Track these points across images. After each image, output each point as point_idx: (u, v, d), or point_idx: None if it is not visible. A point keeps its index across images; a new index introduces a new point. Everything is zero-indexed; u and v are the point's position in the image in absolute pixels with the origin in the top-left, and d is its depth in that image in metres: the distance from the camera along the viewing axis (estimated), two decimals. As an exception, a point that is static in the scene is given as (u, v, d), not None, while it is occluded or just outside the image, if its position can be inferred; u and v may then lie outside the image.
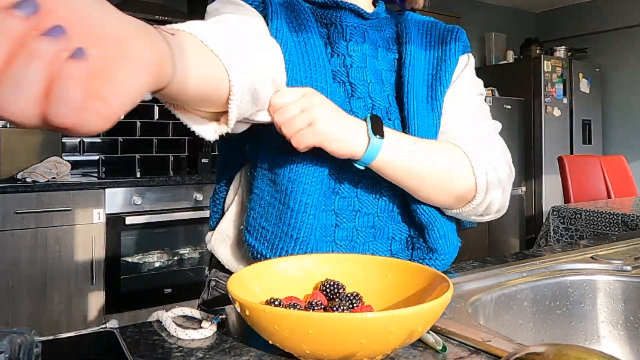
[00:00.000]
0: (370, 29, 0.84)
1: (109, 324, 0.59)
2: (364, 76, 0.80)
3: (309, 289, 0.59)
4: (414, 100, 0.81)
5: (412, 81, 0.82)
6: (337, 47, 0.80)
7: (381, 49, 0.84)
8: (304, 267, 0.60)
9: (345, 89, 0.79)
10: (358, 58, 0.81)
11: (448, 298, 0.47)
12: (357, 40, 0.82)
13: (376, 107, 0.79)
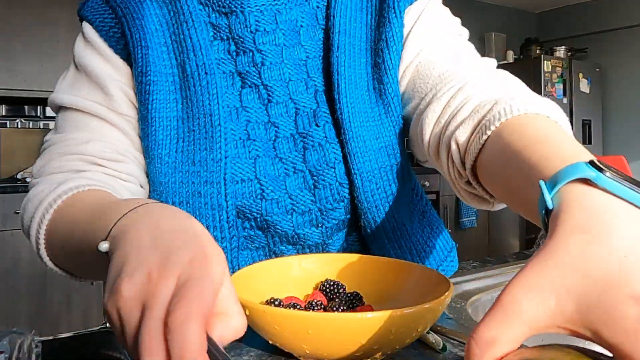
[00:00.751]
0: (284, 7, 0.65)
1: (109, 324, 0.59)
2: (280, 74, 0.65)
3: (309, 289, 0.59)
4: (347, 94, 0.64)
5: (343, 69, 0.64)
6: (241, 42, 0.64)
7: (304, 30, 0.67)
8: (304, 267, 0.59)
9: (259, 94, 0.65)
10: (271, 52, 0.64)
11: (448, 298, 0.47)
12: (266, 29, 0.64)
13: (300, 111, 0.65)
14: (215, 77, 0.63)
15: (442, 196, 4.21)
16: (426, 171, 4.14)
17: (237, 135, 0.63)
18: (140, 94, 0.62)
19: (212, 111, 0.61)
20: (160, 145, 0.62)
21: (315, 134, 0.64)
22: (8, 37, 2.83)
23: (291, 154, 0.64)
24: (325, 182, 0.63)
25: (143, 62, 0.62)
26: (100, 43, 0.65)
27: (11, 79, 2.83)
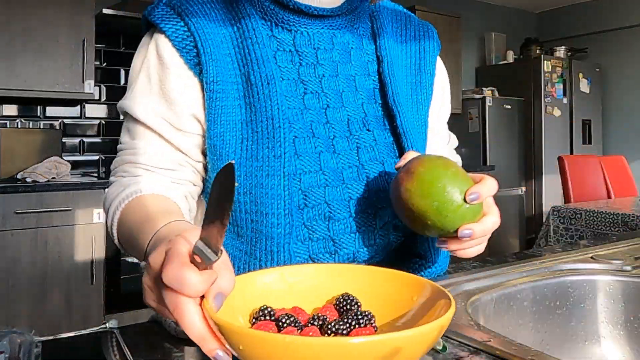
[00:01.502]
0: (339, 32, 0.78)
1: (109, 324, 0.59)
2: (336, 85, 0.77)
3: (323, 301, 0.56)
4: (399, 104, 0.78)
5: (394, 83, 0.79)
6: (305, 56, 0.76)
7: (354, 51, 0.80)
8: (326, 276, 0.56)
9: (319, 99, 0.75)
10: (329, 66, 0.77)
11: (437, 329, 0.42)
12: (326, 48, 0.77)
13: (352, 118, 0.77)
14: (276, 86, 0.71)
15: (442, 196, 4.20)
16: (426, 171, 4.13)
17: (304, 133, 0.73)
18: (210, 99, 0.70)
19: (274, 115, 0.70)
20: (227, 144, 0.70)
21: (365, 136, 0.76)
22: (8, 37, 2.82)
23: (346, 151, 0.75)
24: (376, 174, 0.75)
25: (213, 73, 0.70)
26: (174, 56, 0.71)
27: (11, 79, 2.83)
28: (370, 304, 0.53)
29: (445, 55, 4.97)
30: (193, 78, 0.71)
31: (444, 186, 0.59)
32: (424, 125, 0.83)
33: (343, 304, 0.53)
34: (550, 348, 0.83)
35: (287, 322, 0.48)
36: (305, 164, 0.71)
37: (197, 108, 0.72)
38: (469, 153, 4.81)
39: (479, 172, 3.29)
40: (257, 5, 0.74)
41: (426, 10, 4.52)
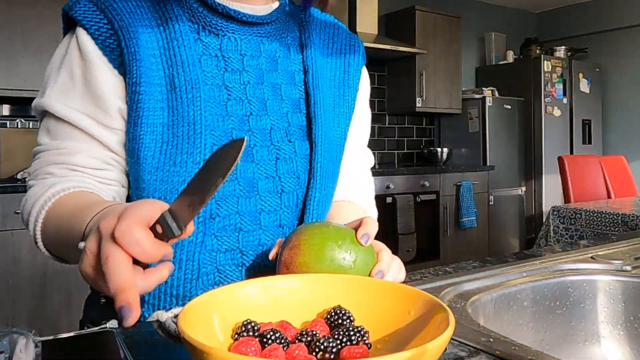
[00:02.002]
0: (267, 40, 0.77)
1: (109, 324, 0.59)
2: (261, 93, 0.75)
3: (313, 314, 0.53)
4: (321, 119, 0.78)
5: (318, 94, 0.78)
6: (231, 62, 0.74)
7: (281, 60, 0.79)
8: (312, 290, 0.54)
9: (243, 106, 0.74)
10: (255, 74, 0.75)
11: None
12: (253, 55, 0.76)
13: (274, 127, 0.75)
14: (201, 90, 0.69)
15: (442, 196, 4.21)
16: (426, 171, 4.14)
17: (223, 140, 0.70)
18: (132, 101, 0.68)
19: (196, 120, 0.68)
20: (146, 147, 0.68)
21: (286, 147, 0.75)
22: (8, 37, 2.82)
23: (265, 161, 0.74)
24: (291, 189, 0.75)
25: (137, 74, 0.68)
26: (96, 53, 0.69)
27: (11, 79, 2.83)
28: (364, 317, 0.51)
29: (445, 55, 4.95)
30: (118, 76, 0.69)
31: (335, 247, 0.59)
32: (343, 139, 0.83)
33: (334, 318, 0.50)
34: (550, 348, 0.83)
35: (272, 339, 0.45)
36: None
37: (123, 105, 0.70)
38: (469, 153, 4.81)
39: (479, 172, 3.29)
40: (185, 7, 0.73)
41: (426, 10, 4.52)
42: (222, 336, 0.47)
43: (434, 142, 5.14)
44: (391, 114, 4.80)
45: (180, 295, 0.68)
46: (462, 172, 4.35)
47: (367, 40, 4.05)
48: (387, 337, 0.49)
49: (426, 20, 4.51)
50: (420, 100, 4.47)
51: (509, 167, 4.86)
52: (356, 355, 0.43)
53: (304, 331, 0.47)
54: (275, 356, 0.43)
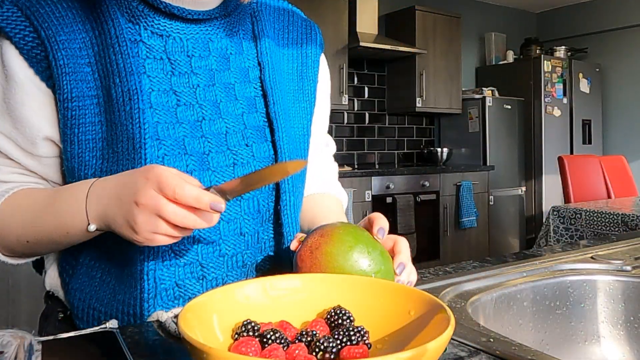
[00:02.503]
0: (216, 37, 0.72)
1: (109, 324, 0.59)
2: (213, 96, 0.70)
3: (313, 315, 0.53)
4: (282, 119, 0.74)
5: (276, 91, 0.74)
6: (178, 65, 0.68)
7: (233, 57, 0.73)
8: (311, 290, 0.54)
9: (194, 112, 0.68)
10: (205, 75, 0.70)
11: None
12: (201, 55, 0.70)
13: (230, 131, 0.70)
14: (139, 102, 0.64)
15: (442, 196, 4.21)
16: (426, 172, 4.14)
17: (175, 150, 0.66)
18: (65, 117, 0.63)
19: (134, 135, 0.63)
20: (87, 165, 0.64)
21: (243, 152, 0.71)
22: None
23: (222, 167, 0.69)
24: (249, 195, 0.70)
25: (68, 89, 0.62)
26: (22, 67, 0.63)
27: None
28: (364, 317, 0.51)
29: (445, 55, 4.94)
30: (47, 92, 0.63)
31: (364, 251, 0.59)
32: (307, 135, 0.79)
33: (334, 318, 0.50)
34: (550, 348, 0.83)
35: (272, 339, 0.45)
36: None
37: (52, 129, 0.65)
38: (469, 153, 4.81)
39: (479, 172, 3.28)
40: (124, 7, 0.66)
41: (426, 10, 4.52)
42: (222, 336, 0.47)
43: (434, 142, 5.14)
44: (391, 114, 4.80)
45: (137, 314, 0.64)
46: (462, 172, 4.35)
47: (367, 40, 4.05)
48: (387, 337, 0.49)
49: (426, 20, 4.51)
50: (420, 100, 4.47)
51: (509, 167, 4.86)
52: (356, 355, 0.43)
53: (304, 331, 0.47)
54: (275, 356, 0.43)
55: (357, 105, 4.59)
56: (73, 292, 0.68)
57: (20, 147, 0.65)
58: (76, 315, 0.68)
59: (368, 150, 4.68)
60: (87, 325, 0.66)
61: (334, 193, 0.89)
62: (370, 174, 3.81)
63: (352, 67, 4.39)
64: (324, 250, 0.58)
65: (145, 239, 0.55)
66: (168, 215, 0.54)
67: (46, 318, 0.76)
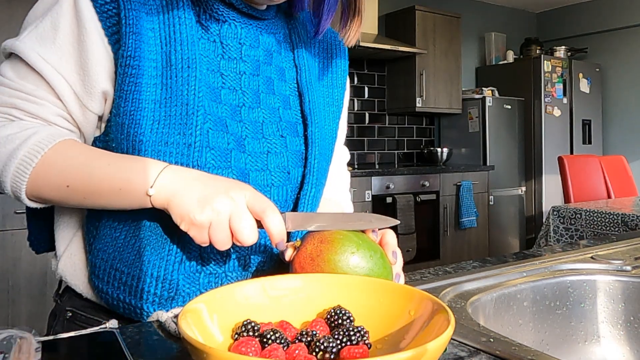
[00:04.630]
0: (265, 32, 0.77)
1: (109, 324, 0.59)
2: (256, 85, 0.74)
3: (313, 315, 0.53)
4: (315, 117, 0.78)
5: (311, 92, 0.79)
6: (229, 49, 0.72)
7: (275, 55, 0.78)
8: (311, 289, 0.54)
9: (237, 96, 0.72)
10: (252, 64, 0.74)
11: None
12: (252, 45, 0.75)
13: (266, 121, 0.74)
14: (197, 71, 0.67)
15: (442, 196, 4.21)
16: (426, 172, 4.14)
17: (218, 126, 0.69)
18: (125, 75, 0.65)
19: (189, 101, 0.66)
20: (137, 124, 0.65)
21: (278, 142, 0.74)
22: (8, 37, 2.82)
23: (257, 153, 0.72)
24: (280, 183, 0.74)
25: (132, 47, 0.65)
26: (92, 16, 0.64)
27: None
28: (364, 317, 0.51)
29: (445, 55, 4.94)
30: (108, 50, 0.65)
31: (367, 257, 0.59)
32: (334, 138, 0.84)
33: (334, 318, 0.50)
34: (550, 348, 0.83)
35: (272, 339, 0.45)
36: (215, 159, 0.68)
37: (108, 84, 0.66)
38: (469, 153, 4.81)
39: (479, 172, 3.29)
40: None
41: (426, 10, 4.52)
42: (222, 336, 0.47)
43: (434, 142, 5.14)
44: (391, 114, 4.80)
45: (161, 277, 0.65)
46: (462, 172, 4.35)
47: (367, 40, 4.05)
48: (387, 337, 0.49)
49: (426, 20, 4.51)
50: (420, 100, 4.47)
51: (509, 167, 4.86)
52: (356, 355, 0.43)
53: (304, 331, 0.47)
54: (275, 356, 0.43)
55: (357, 105, 4.59)
56: (96, 252, 0.68)
57: (75, 92, 0.66)
58: (97, 276, 0.68)
59: (368, 150, 4.68)
60: (107, 285, 0.67)
61: (340, 202, 0.91)
62: (370, 174, 3.82)
63: (352, 67, 4.39)
64: (326, 257, 0.58)
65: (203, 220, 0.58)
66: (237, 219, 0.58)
67: (55, 316, 0.78)
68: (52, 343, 0.55)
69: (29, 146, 0.61)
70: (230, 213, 0.58)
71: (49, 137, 0.62)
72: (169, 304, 0.66)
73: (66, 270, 0.73)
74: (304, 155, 0.77)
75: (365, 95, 4.64)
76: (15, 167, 0.61)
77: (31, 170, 0.61)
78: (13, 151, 0.61)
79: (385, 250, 0.63)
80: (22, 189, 0.62)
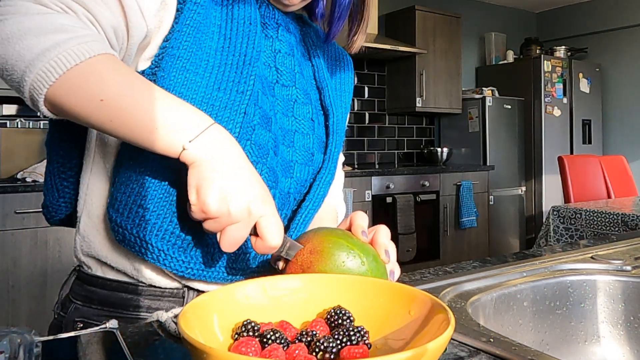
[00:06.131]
0: (292, 24, 0.81)
1: (109, 324, 0.59)
2: (291, 64, 0.78)
3: (313, 315, 0.53)
4: (334, 110, 0.82)
5: (329, 87, 0.83)
6: (267, 29, 0.76)
7: (296, 47, 0.82)
8: (311, 289, 0.54)
9: (271, 73, 0.75)
10: (286, 44, 0.78)
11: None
12: (287, 27, 0.79)
13: (299, 100, 0.77)
14: (257, 28, 0.70)
15: (442, 196, 4.21)
16: (426, 171, 4.14)
17: (266, 90, 0.72)
18: (190, 10, 0.65)
19: (247, 52, 0.68)
20: (195, 62, 0.65)
21: (307, 124, 0.78)
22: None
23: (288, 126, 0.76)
24: (304, 162, 0.77)
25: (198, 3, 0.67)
26: None
27: (11, 79, 2.83)
28: (364, 317, 0.51)
29: (445, 55, 4.94)
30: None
31: (358, 262, 0.59)
32: (343, 136, 0.87)
33: (334, 318, 0.49)
34: (550, 348, 0.83)
35: (272, 339, 0.45)
36: (260, 118, 0.69)
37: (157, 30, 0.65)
38: (469, 153, 4.81)
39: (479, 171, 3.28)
40: None
41: (426, 10, 4.52)
42: (222, 336, 0.47)
43: (434, 142, 5.14)
44: (391, 113, 4.80)
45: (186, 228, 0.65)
46: (462, 172, 4.35)
47: (367, 40, 4.05)
48: (387, 337, 0.49)
49: (426, 20, 4.51)
50: (420, 100, 4.47)
51: (509, 167, 4.86)
52: (356, 355, 0.43)
53: (304, 331, 0.47)
54: (275, 356, 0.43)
55: (357, 105, 4.59)
56: (119, 185, 0.65)
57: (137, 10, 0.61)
58: (116, 209, 0.65)
59: (368, 150, 4.68)
60: (123, 218, 0.64)
61: (333, 203, 0.92)
62: (370, 174, 3.82)
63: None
64: (316, 269, 0.58)
65: (210, 210, 0.55)
66: (236, 230, 0.57)
67: (61, 330, 0.73)
68: (52, 343, 0.55)
69: (81, 42, 0.53)
70: (238, 221, 0.56)
71: (104, 46, 0.56)
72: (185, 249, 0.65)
73: (87, 230, 0.70)
74: (324, 143, 0.81)
75: (365, 95, 4.64)
76: (54, 56, 0.52)
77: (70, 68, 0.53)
78: (62, 41, 0.52)
79: (378, 250, 0.63)
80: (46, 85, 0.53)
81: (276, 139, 0.72)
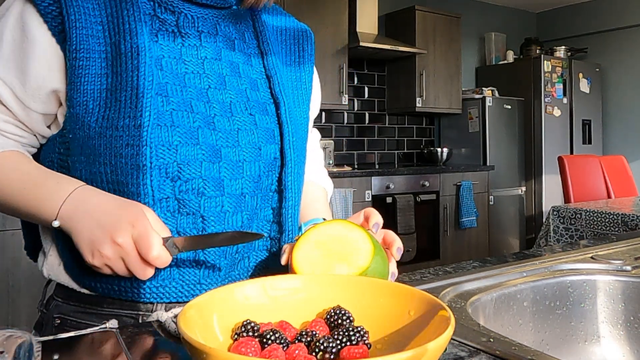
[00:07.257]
0: (223, 22, 0.80)
1: (109, 324, 0.59)
2: (219, 69, 0.77)
3: (313, 315, 0.53)
4: (285, 98, 0.81)
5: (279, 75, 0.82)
6: (187, 38, 0.76)
7: (237, 42, 0.81)
8: (311, 290, 0.54)
9: (201, 80, 0.75)
10: (212, 50, 0.77)
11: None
12: (210, 32, 0.78)
13: (234, 101, 0.77)
14: (146, 57, 0.70)
15: (442, 196, 4.21)
16: (426, 171, 4.14)
17: (182, 107, 0.71)
18: (73, 67, 0.68)
19: (139, 85, 0.69)
20: (90, 113, 0.69)
21: (247, 119, 0.77)
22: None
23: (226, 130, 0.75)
24: (252, 158, 0.76)
25: (76, 41, 0.68)
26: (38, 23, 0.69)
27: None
28: (364, 317, 0.51)
29: (445, 55, 4.93)
30: (57, 46, 0.69)
31: None
32: (306, 119, 0.86)
33: (334, 318, 0.49)
34: (550, 348, 0.83)
35: (271, 339, 0.45)
36: (182, 136, 0.70)
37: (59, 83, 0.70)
38: (469, 153, 4.81)
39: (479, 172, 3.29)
40: None
41: (426, 10, 4.52)
42: (222, 336, 0.47)
43: (434, 142, 5.14)
44: (391, 114, 4.80)
45: None
46: (462, 172, 4.35)
47: (367, 40, 4.05)
48: (387, 337, 0.49)
49: (426, 20, 4.51)
50: (420, 100, 4.47)
51: (509, 167, 4.86)
52: (356, 355, 0.43)
53: (303, 331, 0.47)
54: (275, 356, 0.43)
55: (357, 105, 4.59)
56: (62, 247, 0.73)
57: (17, 96, 0.70)
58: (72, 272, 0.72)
59: (368, 150, 4.68)
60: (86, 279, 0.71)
61: (321, 182, 0.96)
62: (370, 174, 3.82)
63: (352, 67, 4.39)
64: None
65: (97, 265, 0.63)
66: (130, 264, 0.63)
67: (42, 326, 0.77)
68: (52, 343, 0.55)
69: None
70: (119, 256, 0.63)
71: None
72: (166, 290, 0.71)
73: (53, 267, 0.75)
74: (274, 133, 0.79)
75: (365, 95, 4.64)
76: None
77: None
78: None
79: (391, 246, 0.67)
80: None
81: (217, 142, 0.73)
